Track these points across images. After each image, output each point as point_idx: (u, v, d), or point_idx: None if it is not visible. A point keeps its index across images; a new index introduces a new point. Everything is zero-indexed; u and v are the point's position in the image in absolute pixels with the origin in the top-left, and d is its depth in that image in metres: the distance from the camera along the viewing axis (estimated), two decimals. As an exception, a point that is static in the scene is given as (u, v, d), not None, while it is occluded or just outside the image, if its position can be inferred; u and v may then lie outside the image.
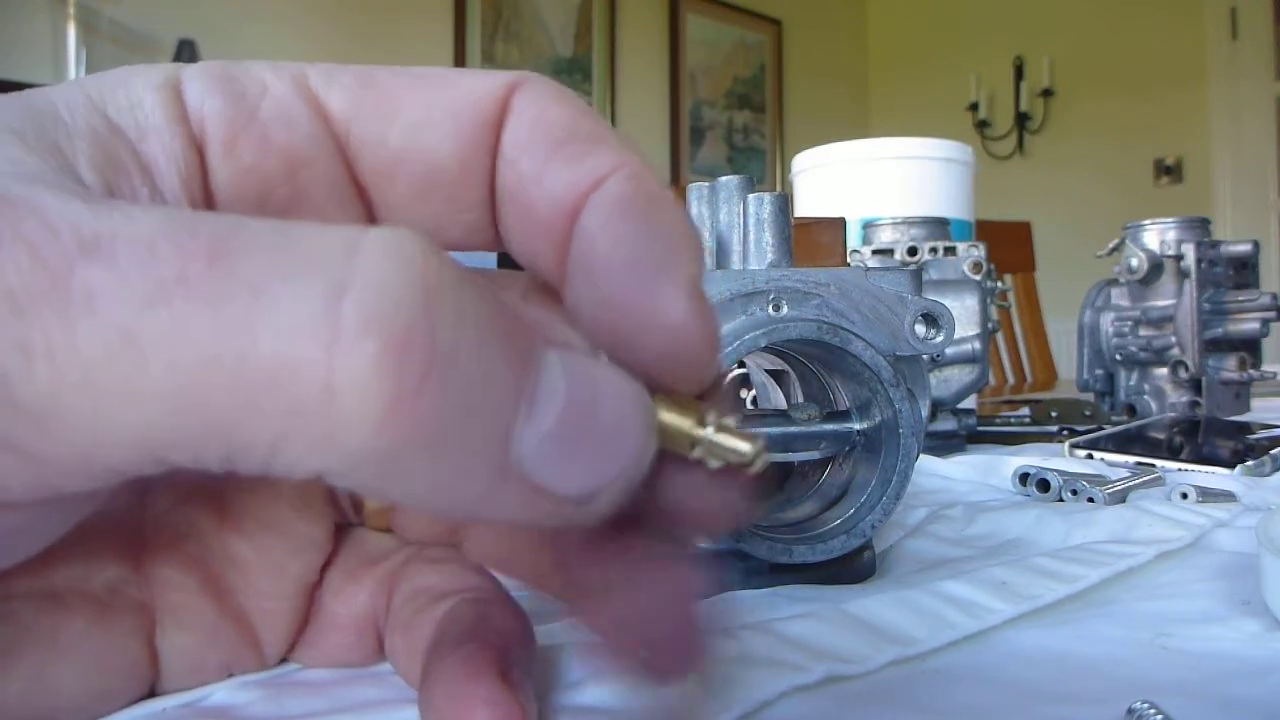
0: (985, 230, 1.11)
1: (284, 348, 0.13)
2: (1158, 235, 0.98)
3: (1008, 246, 2.31)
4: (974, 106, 5.02)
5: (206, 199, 0.19)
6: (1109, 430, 0.78)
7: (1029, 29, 4.88)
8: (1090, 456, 0.67)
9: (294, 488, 0.25)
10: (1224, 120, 4.38)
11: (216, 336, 0.13)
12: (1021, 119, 4.96)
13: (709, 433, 0.18)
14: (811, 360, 0.40)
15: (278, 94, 0.20)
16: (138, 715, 0.25)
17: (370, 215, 0.21)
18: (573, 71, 4.34)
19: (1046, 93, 4.89)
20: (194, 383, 0.13)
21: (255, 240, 0.14)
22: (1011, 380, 2.27)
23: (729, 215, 0.43)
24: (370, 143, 0.20)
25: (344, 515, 0.27)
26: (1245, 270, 0.98)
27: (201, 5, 3.14)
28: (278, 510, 0.25)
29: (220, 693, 0.27)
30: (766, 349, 0.39)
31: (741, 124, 5.07)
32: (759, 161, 5.07)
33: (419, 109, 0.20)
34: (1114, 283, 1.02)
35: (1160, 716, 0.24)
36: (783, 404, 0.45)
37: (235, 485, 0.24)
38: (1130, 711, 0.24)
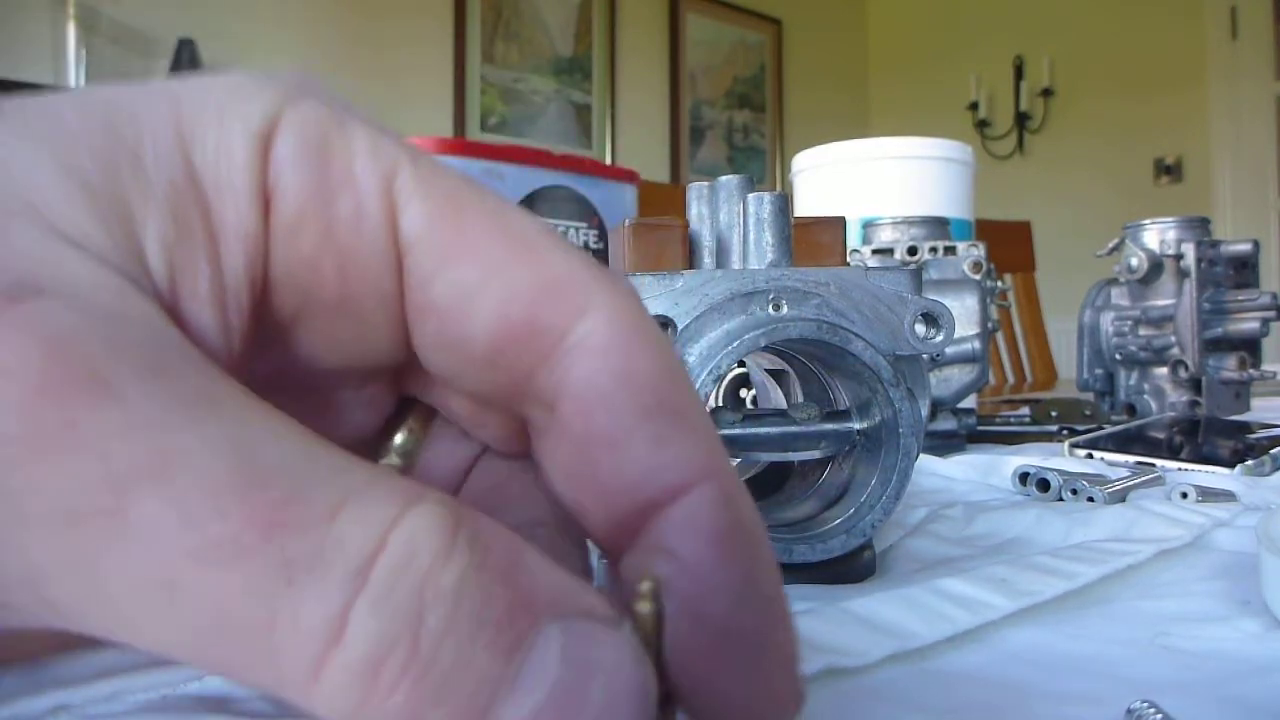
0: (985, 230, 1.11)
1: (292, 640, 0.14)
2: (1157, 235, 0.98)
3: (1007, 246, 2.32)
4: (974, 106, 5.02)
5: (264, 279, 0.19)
6: (1109, 430, 0.78)
7: (1029, 28, 4.88)
8: (1090, 456, 0.67)
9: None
10: (1224, 120, 4.38)
11: (244, 610, 0.14)
12: (1021, 118, 4.96)
13: None
14: (811, 360, 0.40)
15: (361, 191, 0.18)
16: (136, 701, 0.25)
17: (406, 337, 0.20)
18: (573, 71, 4.34)
19: (1046, 92, 4.89)
20: (212, 636, 0.14)
21: (310, 509, 0.14)
22: (1011, 380, 2.27)
23: (729, 215, 0.43)
24: (418, 279, 0.19)
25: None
26: (1245, 270, 0.98)
27: (201, 5, 3.15)
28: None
29: (220, 681, 0.27)
30: (766, 348, 0.39)
31: (741, 124, 5.08)
32: (759, 161, 5.07)
33: (476, 269, 0.18)
34: (1114, 282, 1.02)
35: (1159, 716, 0.24)
36: (783, 403, 0.45)
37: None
38: (1129, 711, 0.24)
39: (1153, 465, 0.62)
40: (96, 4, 2.96)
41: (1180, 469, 0.62)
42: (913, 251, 0.76)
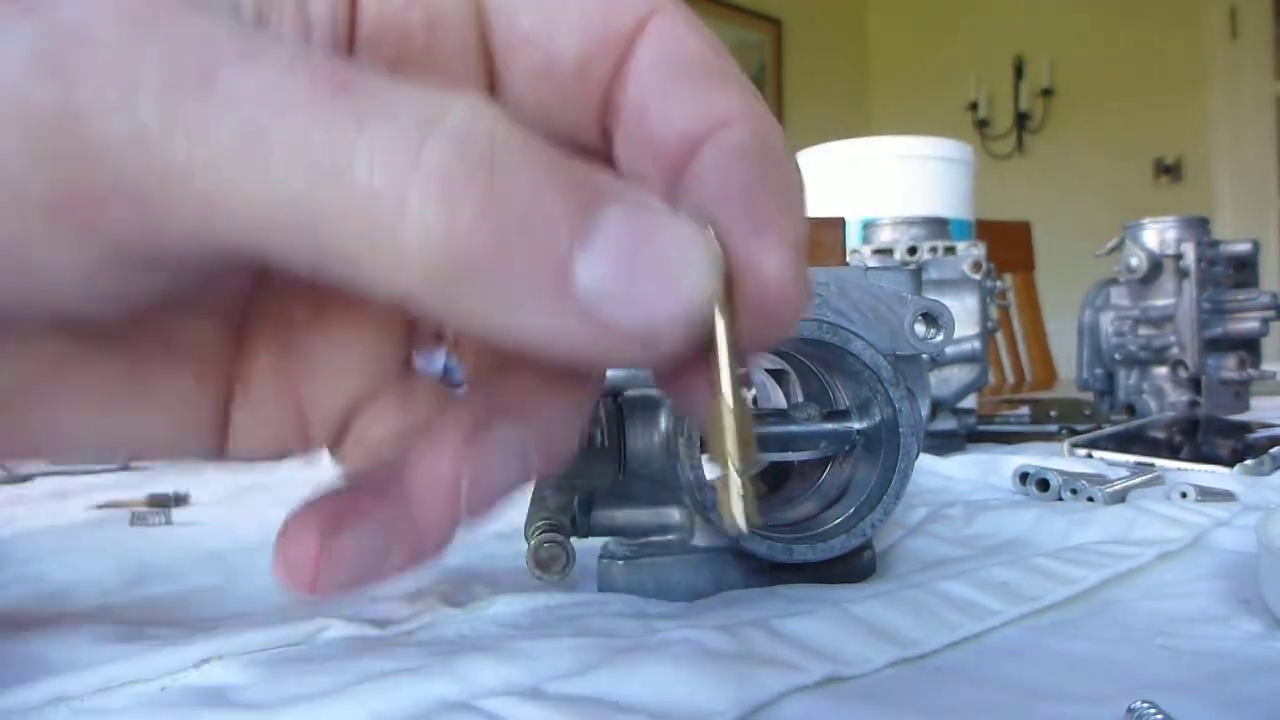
0: (984, 230, 1.11)
1: (374, 173, 0.15)
2: (1157, 235, 0.98)
3: (1007, 246, 2.31)
4: (974, 106, 5.02)
5: (350, 37, 0.21)
6: (1108, 430, 0.78)
7: (1029, 29, 4.88)
8: (1090, 456, 0.67)
9: (377, 318, 0.25)
10: (1223, 120, 4.38)
11: (327, 152, 0.15)
12: (1021, 119, 4.96)
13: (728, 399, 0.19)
14: (812, 360, 0.40)
15: None
16: (137, 693, 0.25)
17: (490, 83, 0.22)
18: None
19: (1046, 92, 4.89)
20: (302, 186, 0.15)
21: (372, 85, 0.16)
22: (1011, 380, 2.27)
23: (729, 215, 0.43)
24: (504, 18, 0.21)
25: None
26: (1245, 270, 0.98)
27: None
28: (360, 331, 0.26)
29: (219, 672, 0.27)
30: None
31: (741, 123, 5.07)
32: (758, 160, 5.06)
33: (556, 0, 0.21)
34: (1114, 282, 1.02)
35: (1160, 716, 0.24)
36: (783, 403, 0.45)
37: (336, 297, 0.25)
38: (1130, 711, 0.24)
39: (1152, 465, 0.63)
40: None
41: (1180, 469, 0.62)
42: (912, 251, 0.76)
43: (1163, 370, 0.97)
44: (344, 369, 0.26)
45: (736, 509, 0.19)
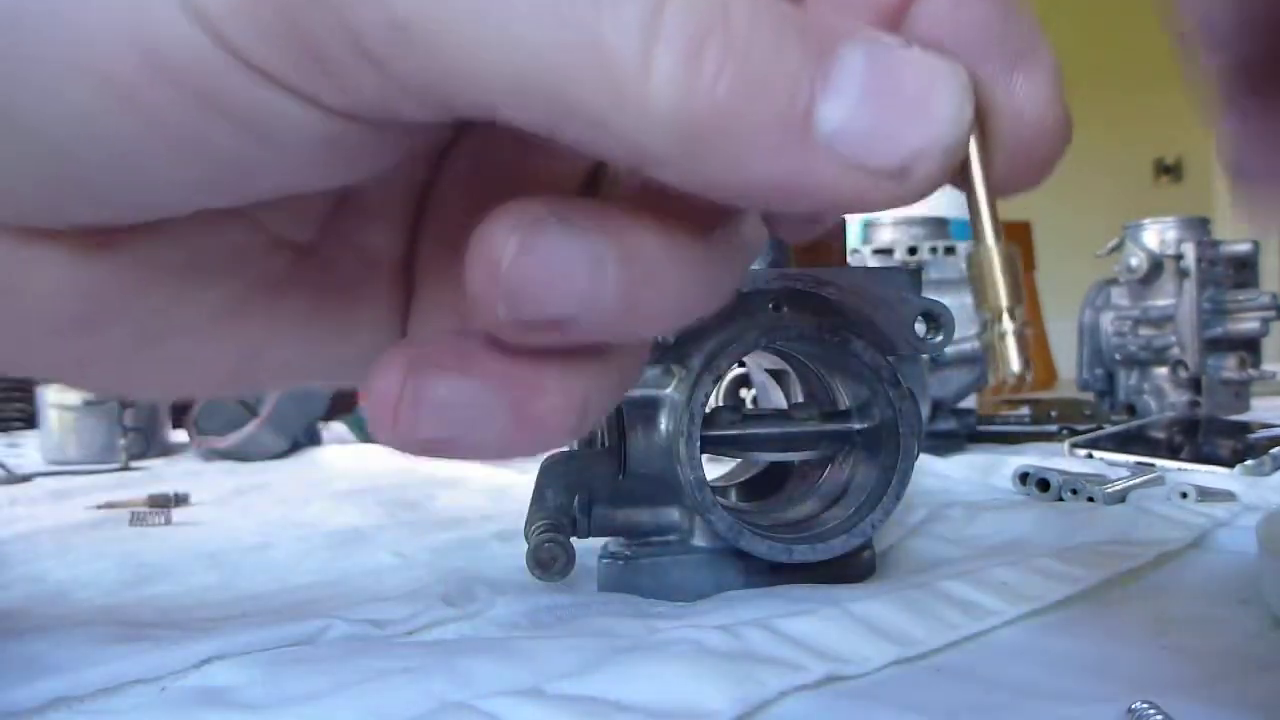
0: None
1: (621, 35, 0.15)
2: (1157, 235, 0.98)
3: (1007, 246, 2.31)
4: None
5: None
6: (1109, 430, 0.78)
7: None
8: (1090, 456, 0.67)
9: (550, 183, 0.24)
10: None
11: (572, 11, 0.15)
12: None
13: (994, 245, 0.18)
14: (812, 360, 0.40)
15: None
16: (137, 693, 0.25)
17: None
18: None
19: None
20: (547, 46, 0.15)
21: None
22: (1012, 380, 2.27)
23: (729, 215, 0.43)
24: None
25: None
26: (1245, 270, 0.98)
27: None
28: None
29: (220, 672, 0.27)
30: (767, 348, 0.39)
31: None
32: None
33: None
34: (1114, 282, 1.02)
35: (1160, 716, 0.24)
36: (783, 403, 0.45)
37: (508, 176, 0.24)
38: (1130, 711, 0.24)
39: (1152, 465, 0.62)
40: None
41: (1180, 469, 0.62)
42: (913, 251, 0.76)
43: (1163, 370, 0.97)
44: None
45: (1012, 353, 0.18)
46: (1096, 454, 0.67)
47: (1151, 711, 0.24)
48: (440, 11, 0.15)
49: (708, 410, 0.36)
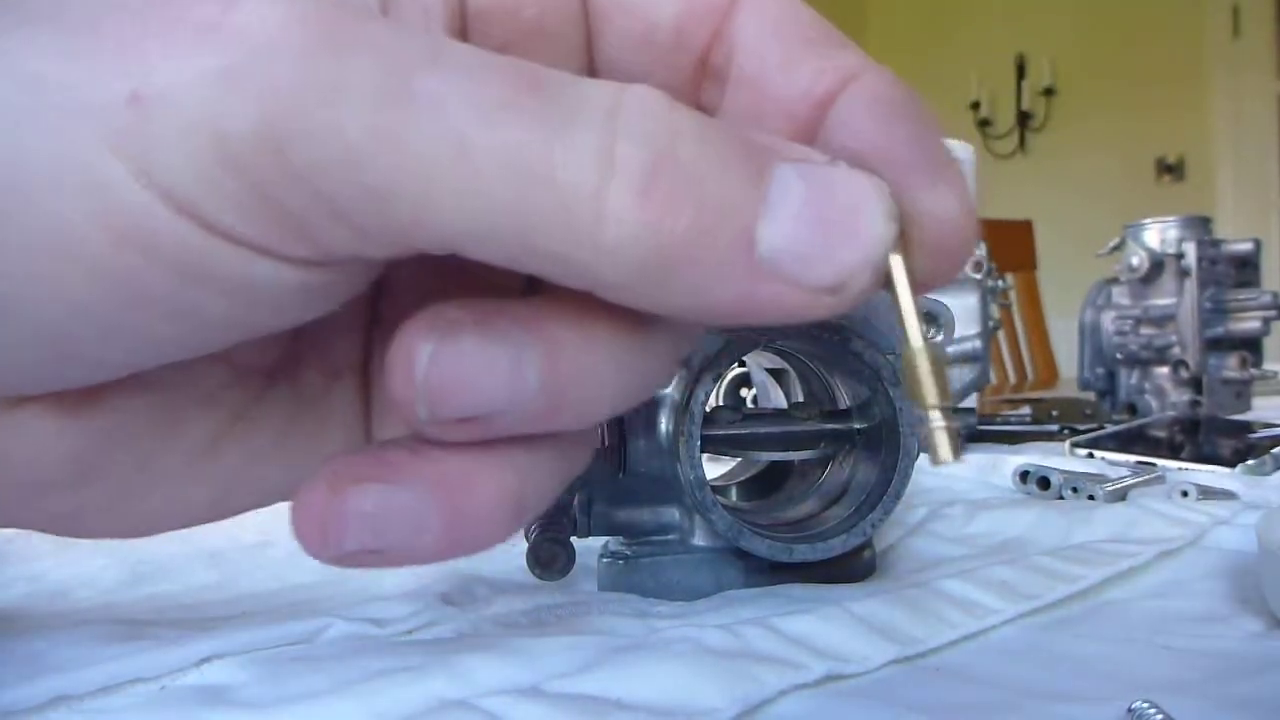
0: (986, 229, 1.11)
1: (576, 175, 0.16)
2: (1158, 234, 0.98)
3: (1009, 245, 2.31)
4: (975, 105, 5.01)
5: (462, 16, 0.21)
6: (1110, 429, 0.78)
7: (1030, 27, 4.87)
8: (1091, 455, 0.67)
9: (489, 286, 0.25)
10: (1226, 118, 4.37)
11: (529, 158, 0.16)
12: (1023, 117, 4.95)
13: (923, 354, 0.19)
14: (812, 359, 0.40)
15: None
16: (137, 693, 0.25)
17: (589, 52, 0.23)
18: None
19: (1048, 91, 4.88)
20: (508, 191, 0.16)
21: (555, 81, 0.17)
22: (1013, 379, 2.27)
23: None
24: None
25: None
26: (1246, 269, 0.98)
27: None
28: None
29: (219, 671, 0.27)
30: (767, 347, 0.39)
31: (741, 122, 5.06)
32: (759, 160, 5.05)
33: None
34: (1115, 281, 1.02)
35: (1160, 716, 0.24)
36: (783, 403, 0.45)
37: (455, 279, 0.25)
38: (1130, 711, 0.24)
39: (1153, 464, 0.62)
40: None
41: (1180, 468, 0.62)
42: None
43: (1164, 370, 0.97)
44: None
45: (942, 446, 0.20)
46: (1097, 453, 0.67)
47: (1152, 711, 0.24)
48: (408, 175, 0.16)
49: (708, 409, 0.36)
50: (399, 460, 0.19)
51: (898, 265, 0.19)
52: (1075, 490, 0.52)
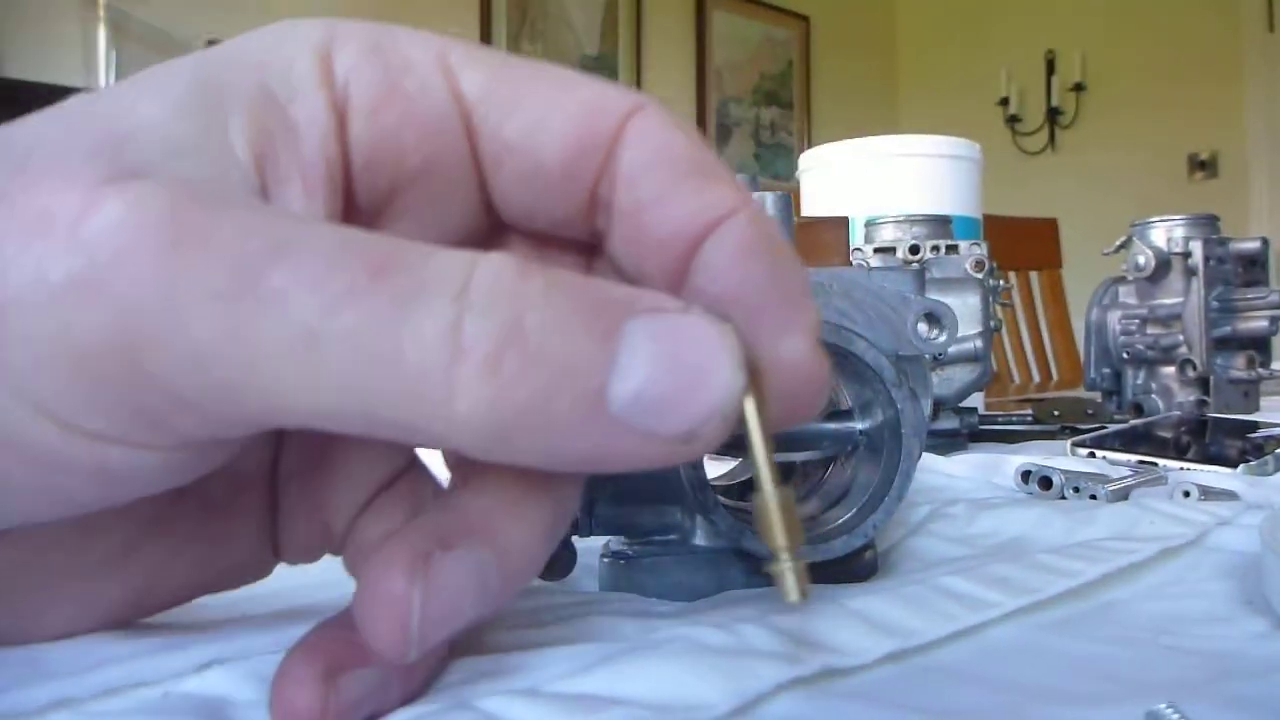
0: (1008, 227, 1.10)
1: (423, 358, 0.16)
2: (1165, 232, 0.98)
3: (1033, 243, 2.31)
4: (1004, 101, 4.99)
5: (344, 162, 0.22)
6: (1113, 428, 0.77)
7: (1061, 23, 4.85)
8: (1092, 455, 0.67)
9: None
10: (1259, 114, 4.34)
11: (377, 344, 0.16)
12: (1053, 114, 4.93)
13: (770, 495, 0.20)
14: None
15: (420, 70, 0.22)
16: (138, 698, 0.26)
17: (483, 190, 0.23)
18: (599, 70, 4.33)
19: (1078, 87, 4.86)
20: (356, 376, 0.17)
21: (405, 259, 0.17)
22: (1037, 379, 2.26)
23: (731, 215, 0.43)
24: (490, 128, 0.22)
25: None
26: (1254, 268, 0.98)
27: (229, 7, 3.16)
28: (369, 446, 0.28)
29: (220, 677, 0.27)
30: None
31: (769, 120, 5.05)
32: (786, 158, 5.03)
33: (538, 108, 0.22)
34: (1122, 280, 1.02)
35: (1178, 717, 0.23)
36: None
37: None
38: (1150, 715, 0.24)
39: (1155, 464, 0.62)
40: (128, 7, 2.99)
41: (1182, 468, 0.62)
42: (914, 250, 0.76)
43: (1170, 370, 0.97)
44: (353, 475, 0.28)
45: (789, 586, 0.21)
46: (1099, 453, 0.67)
47: (1172, 714, 0.24)
48: (255, 371, 0.17)
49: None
50: (456, 532, 0.21)
51: (750, 410, 0.19)
52: (1077, 490, 0.52)
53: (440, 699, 0.26)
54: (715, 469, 0.43)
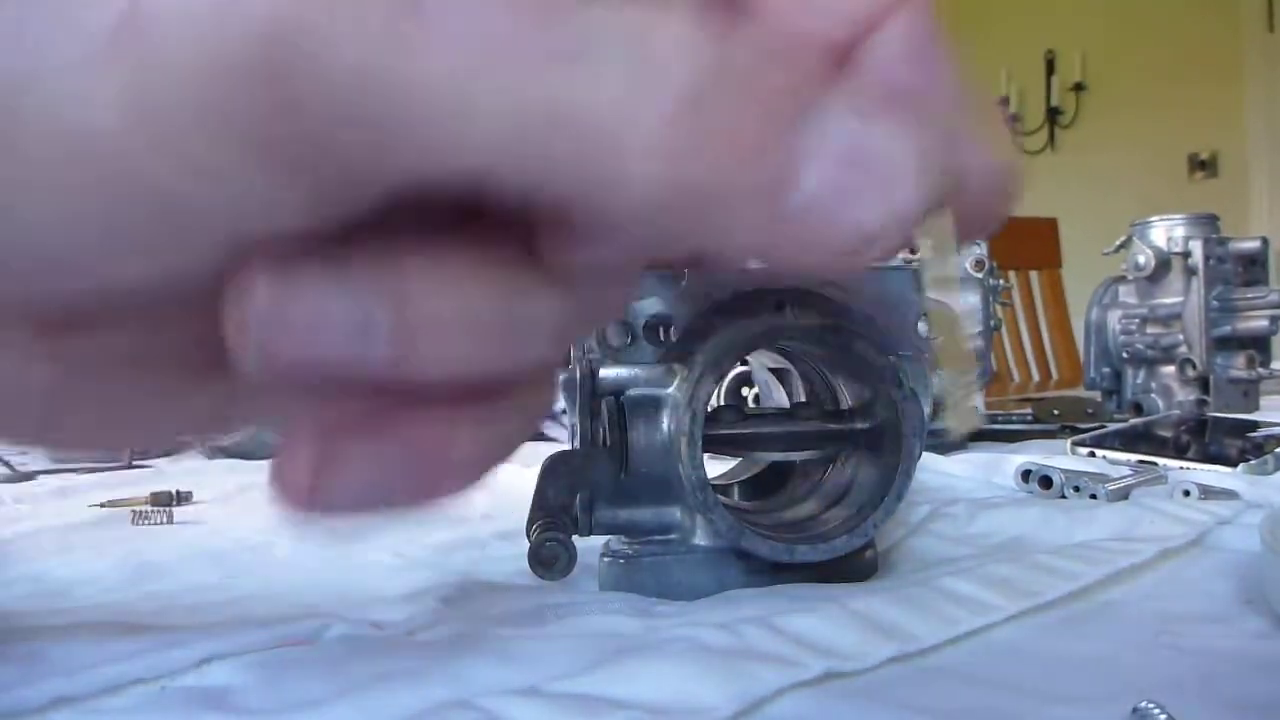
0: (1008, 226, 1.10)
1: (607, 100, 0.15)
2: (1165, 232, 0.98)
3: (1032, 242, 2.31)
4: (1004, 101, 4.99)
5: None
6: (1113, 427, 0.77)
7: (1060, 22, 4.84)
8: (1093, 454, 0.67)
9: None
10: (1260, 114, 4.34)
11: (561, 74, 0.15)
12: (1053, 113, 4.93)
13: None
14: (814, 359, 0.40)
15: None
16: (138, 694, 0.26)
17: None
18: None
19: (1078, 87, 4.85)
20: (537, 109, 0.15)
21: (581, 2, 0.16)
22: (1037, 378, 2.26)
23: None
24: None
25: None
26: (1254, 267, 0.98)
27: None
28: None
29: (219, 672, 0.27)
30: (769, 347, 0.39)
31: (770, 121, 5.05)
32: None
33: None
34: (1122, 280, 1.02)
35: (1165, 717, 0.24)
36: (785, 402, 0.45)
37: None
38: (1135, 711, 0.24)
39: (1155, 464, 0.62)
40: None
41: (1182, 467, 0.61)
42: (914, 250, 0.75)
43: (1170, 369, 0.97)
44: None
45: (961, 414, 0.19)
46: (1099, 452, 0.67)
47: (1156, 711, 0.24)
48: (437, 80, 0.15)
49: (710, 409, 0.36)
50: (379, 414, 0.18)
51: (932, 226, 0.18)
52: (1077, 489, 0.52)
53: (440, 697, 0.26)
54: (716, 469, 0.43)
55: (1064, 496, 0.52)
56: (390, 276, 0.18)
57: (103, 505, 0.63)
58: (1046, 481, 0.53)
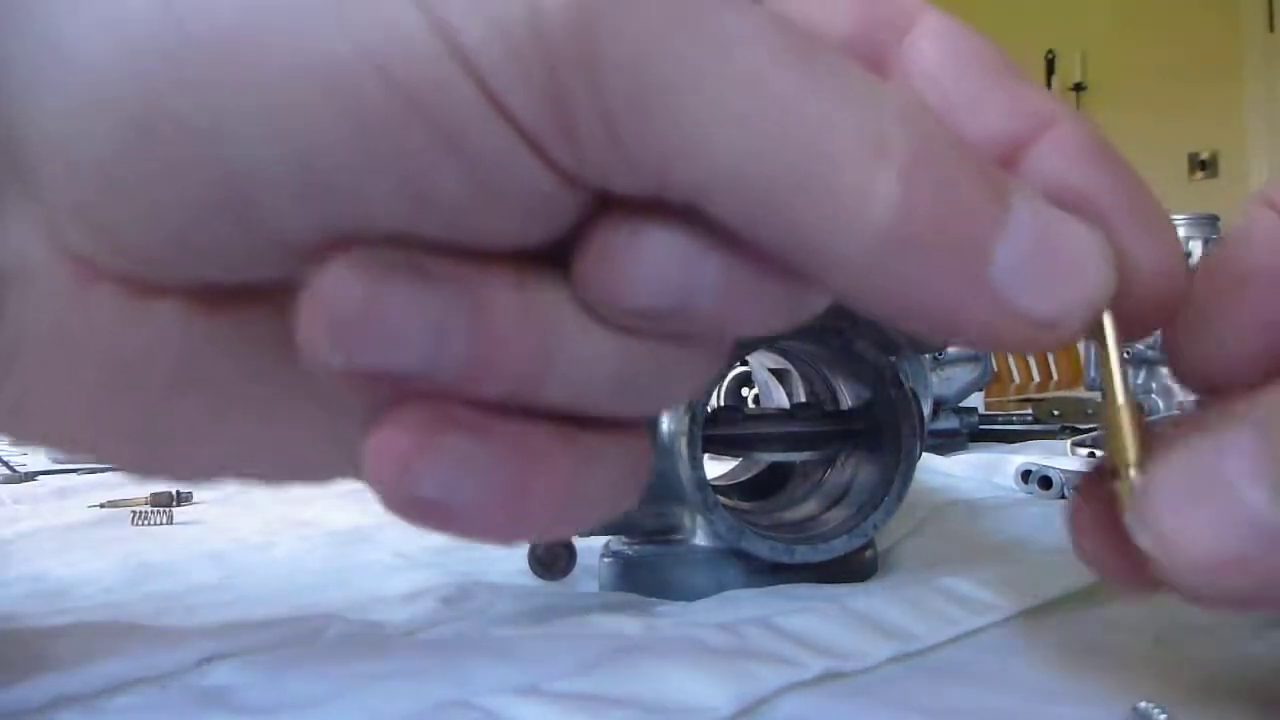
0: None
1: (849, 148, 0.16)
2: (1165, 233, 0.98)
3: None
4: None
5: None
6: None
7: (1061, 23, 4.84)
8: (1093, 455, 0.67)
9: None
10: (1260, 114, 4.34)
11: (815, 113, 0.16)
12: None
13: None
14: (814, 359, 0.40)
15: None
16: (138, 693, 0.26)
17: None
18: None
19: (1078, 87, 4.86)
20: (784, 143, 0.16)
21: (827, 47, 0.16)
22: (1037, 379, 2.26)
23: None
24: None
25: None
26: (1254, 268, 0.98)
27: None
28: None
29: (220, 672, 0.27)
30: (769, 347, 0.39)
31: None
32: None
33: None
34: (1121, 280, 1.01)
35: (1164, 716, 0.24)
36: (785, 402, 0.45)
37: None
38: (1135, 710, 0.24)
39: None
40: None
41: (1184, 467, 0.61)
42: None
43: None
44: None
45: (1135, 505, 0.20)
46: (1099, 452, 0.67)
47: (1156, 711, 0.24)
48: (689, 94, 0.16)
49: (709, 409, 0.36)
50: (485, 420, 0.18)
51: (1108, 315, 0.19)
52: (1077, 489, 0.52)
53: (440, 697, 0.26)
54: (716, 469, 0.43)
55: (1064, 496, 0.52)
56: (471, 291, 0.18)
57: (102, 506, 0.63)
58: (1046, 482, 0.53)
